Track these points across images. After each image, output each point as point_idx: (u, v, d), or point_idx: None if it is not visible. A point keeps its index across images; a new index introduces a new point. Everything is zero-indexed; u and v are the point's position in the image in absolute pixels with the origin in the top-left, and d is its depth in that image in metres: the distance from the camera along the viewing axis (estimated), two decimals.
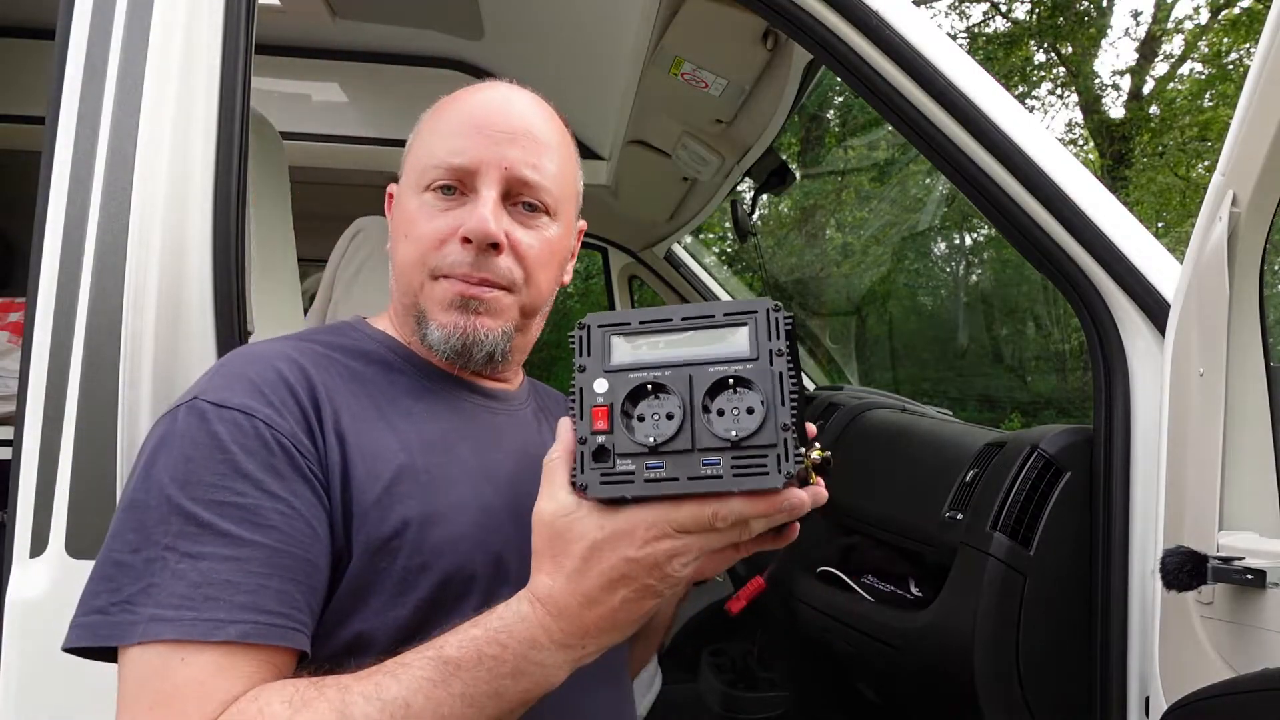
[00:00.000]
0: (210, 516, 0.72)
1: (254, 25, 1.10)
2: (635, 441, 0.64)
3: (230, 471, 0.74)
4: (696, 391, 0.64)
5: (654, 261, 3.05)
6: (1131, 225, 1.22)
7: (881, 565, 1.67)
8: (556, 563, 0.67)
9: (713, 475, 0.63)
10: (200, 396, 0.77)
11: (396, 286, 0.95)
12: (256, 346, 0.86)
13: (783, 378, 0.63)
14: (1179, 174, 10.90)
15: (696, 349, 0.65)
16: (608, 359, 0.67)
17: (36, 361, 0.99)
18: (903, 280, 8.67)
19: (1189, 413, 1.08)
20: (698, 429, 0.63)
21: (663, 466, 0.63)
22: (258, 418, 0.76)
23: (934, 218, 8.50)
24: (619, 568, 0.65)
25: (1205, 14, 11.04)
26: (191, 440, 0.75)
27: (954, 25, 12.16)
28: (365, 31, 2.35)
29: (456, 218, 0.88)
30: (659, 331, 0.67)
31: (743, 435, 0.62)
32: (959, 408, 6.76)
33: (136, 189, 1.02)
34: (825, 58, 1.25)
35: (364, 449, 0.81)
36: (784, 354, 0.64)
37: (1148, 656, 1.15)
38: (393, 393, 0.88)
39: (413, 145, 0.95)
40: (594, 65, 2.19)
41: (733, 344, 0.65)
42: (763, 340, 0.65)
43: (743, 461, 0.62)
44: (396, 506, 0.79)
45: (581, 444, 0.65)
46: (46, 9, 1.14)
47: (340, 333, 0.94)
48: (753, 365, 0.64)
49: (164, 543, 0.71)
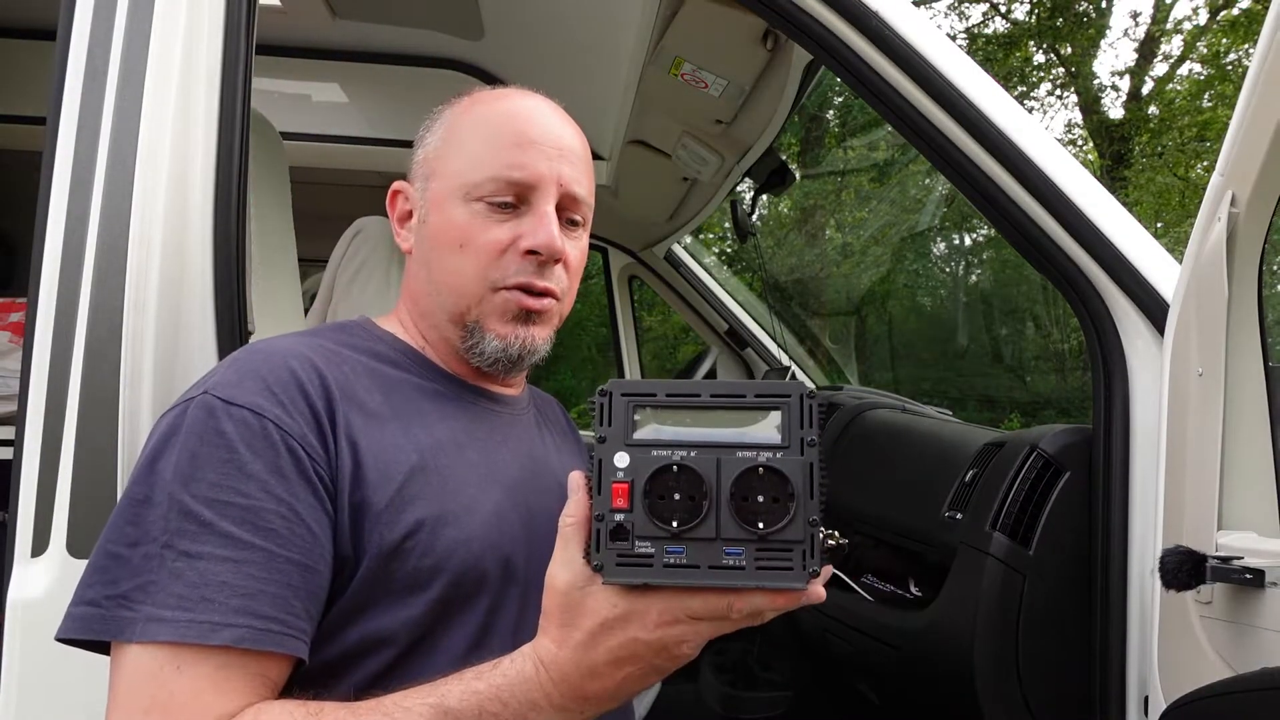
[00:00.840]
0: (211, 515, 0.71)
1: (254, 26, 1.10)
2: (656, 524, 0.61)
3: (235, 471, 0.73)
4: (724, 477, 0.61)
5: (654, 261, 3.05)
6: (1131, 225, 1.22)
7: (881, 565, 1.67)
8: (565, 632, 0.67)
9: (735, 566, 0.61)
10: (210, 391, 0.76)
11: (441, 297, 0.92)
12: (269, 343, 0.84)
13: (814, 469, 0.61)
14: (1178, 174, 10.91)
15: (725, 430, 0.63)
16: (630, 432, 0.64)
17: (38, 362, 0.99)
18: (902, 280, 8.67)
19: (1188, 413, 1.08)
20: (723, 517, 0.61)
21: (683, 552, 0.61)
22: (267, 417, 0.75)
23: (934, 218, 8.51)
24: (627, 646, 0.65)
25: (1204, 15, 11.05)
26: (198, 436, 0.74)
27: (953, 26, 12.17)
28: (365, 31, 2.35)
29: (514, 229, 0.89)
30: (686, 407, 0.64)
31: (769, 529, 0.60)
32: (959, 408, 6.76)
33: (137, 189, 1.02)
34: (825, 58, 1.25)
35: (376, 450, 0.80)
36: (815, 444, 0.62)
37: (1146, 656, 1.15)
38: (404, 393, 0.88)
39: (445, 150, 0.93)
40: (594, 65, 2.19)
41: (763, 428, 0.63)
42: (794, 428, 0.62)
43: (767, 556, 0.60)
44: (409, 508, 0.79)
45: (598, 520, 0.63)
46: (47, 9, 1.14)
47: (348, 332, 0.93)
48: (784, 454, 0.62)
49: (162, 539, 0.70)
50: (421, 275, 0.94)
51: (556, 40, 2.24)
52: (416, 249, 0.95)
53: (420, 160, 0.95)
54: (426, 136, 0.96)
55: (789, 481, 0.61)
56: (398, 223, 0.98)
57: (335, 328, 0.93)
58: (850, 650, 1.65)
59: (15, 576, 0.95)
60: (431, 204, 0.93)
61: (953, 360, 7.72)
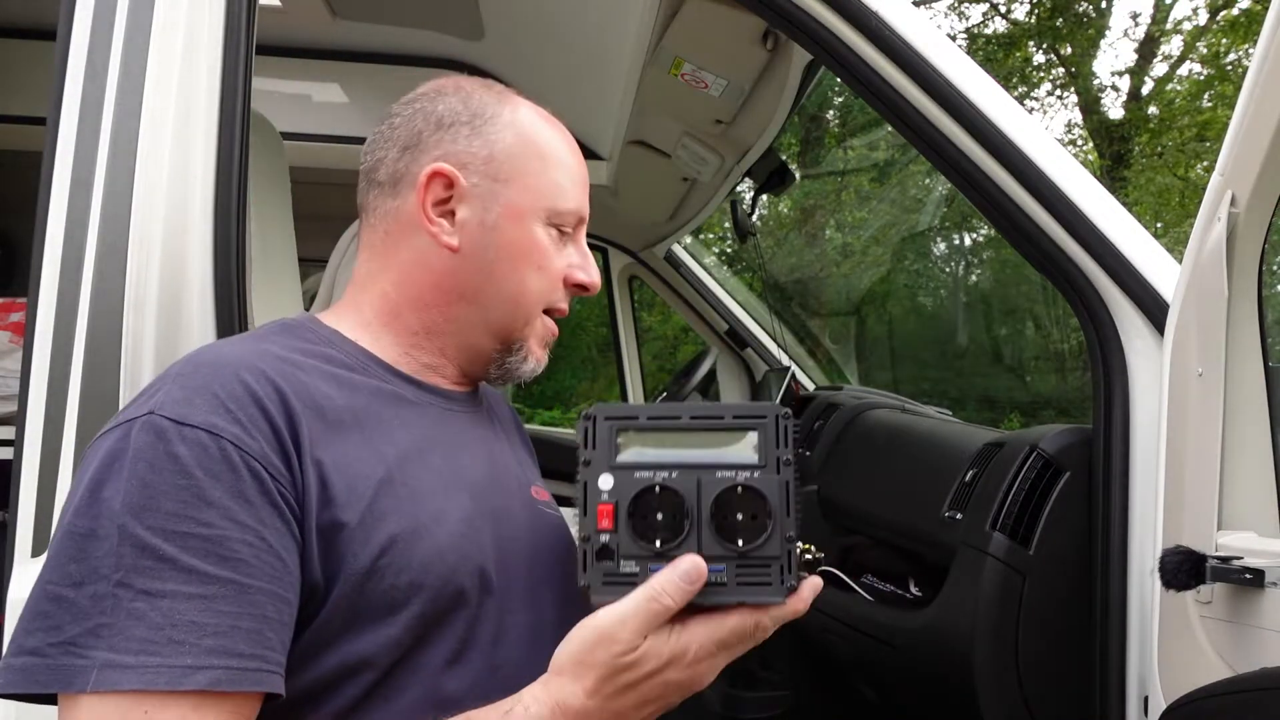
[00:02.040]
0: (172, 550, 0.65)
1: (254, 25, 1.10)
2: (640, 544, 0.64)
3: (194, 499, 0.67)
4: (705, 497, 0.64)
5: (654, 261, 3.05)
6: (1130, 225, 1.22)
7: (881, 565, 1.67)
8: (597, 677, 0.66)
9: (716, 583, 0.64)
10: (157, 412, 0.70)
11: (493, 306, 0.89)
12: (215, 353, 0.78)
13: (789, 488, 0.64)
14: (1178, 174, 10.91)
15: (704, 451, 0.66)
16: (614, 455, 0.67)
17: (38, 362, 0.99)
18: (902, 280, 8.67)
19: (1188, 413, 1.08)
20: (704, 535, 0.64)
21: None
22: (224, 437, 0.69)
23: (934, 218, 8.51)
24: (656, 689, 0.67)
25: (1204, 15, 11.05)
26: (148, 463, 0.67)
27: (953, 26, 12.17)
28: (365, 32, 2.35)
29: (566, 259, 0.92)
30: (667, 429, 0.67)
31: (748, 546, 0.63)
32: (959, 408, 6.76)
33: (137, 189, 1.02)
34: (825, 58, 1.25)
35: (342, 465, 0.75)
36: (791, 463, 0.65)
37: (1146, 656, 1.15)
38: (362, 399, 0.82)
39: (525, 160, 0.89)
40: (594, 65, 2.19)
41: (741, 449, 0.65)
42: (770, 448, 0.65)
43: (747, 572, 0.63)
44: (380, 524, 0.75)
45: (585, 542, 0.65)
46: (47, 9, 1.14)
47: (294, 334, 0.86)
48: (760, 474, 0.65)
49: (115, 577, 0.64)
50: (465, 280, 0.88)
51: (556, 40, 2.24)
52: (471, 250, 0.87)
53: (484, 156, 0.88)
54: (486, 130, 0.89)
55: (766, 500, 0.64)
56: (431, 207, 0.87)
57: (280, 330, 0.86)
58: (850, 650, 1.65)
59: (15, 576, 0.95)
60: (508, 212, 0.88)
61: (953, 360, 7.72)
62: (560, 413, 8.65)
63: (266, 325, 0.88)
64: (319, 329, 0.88)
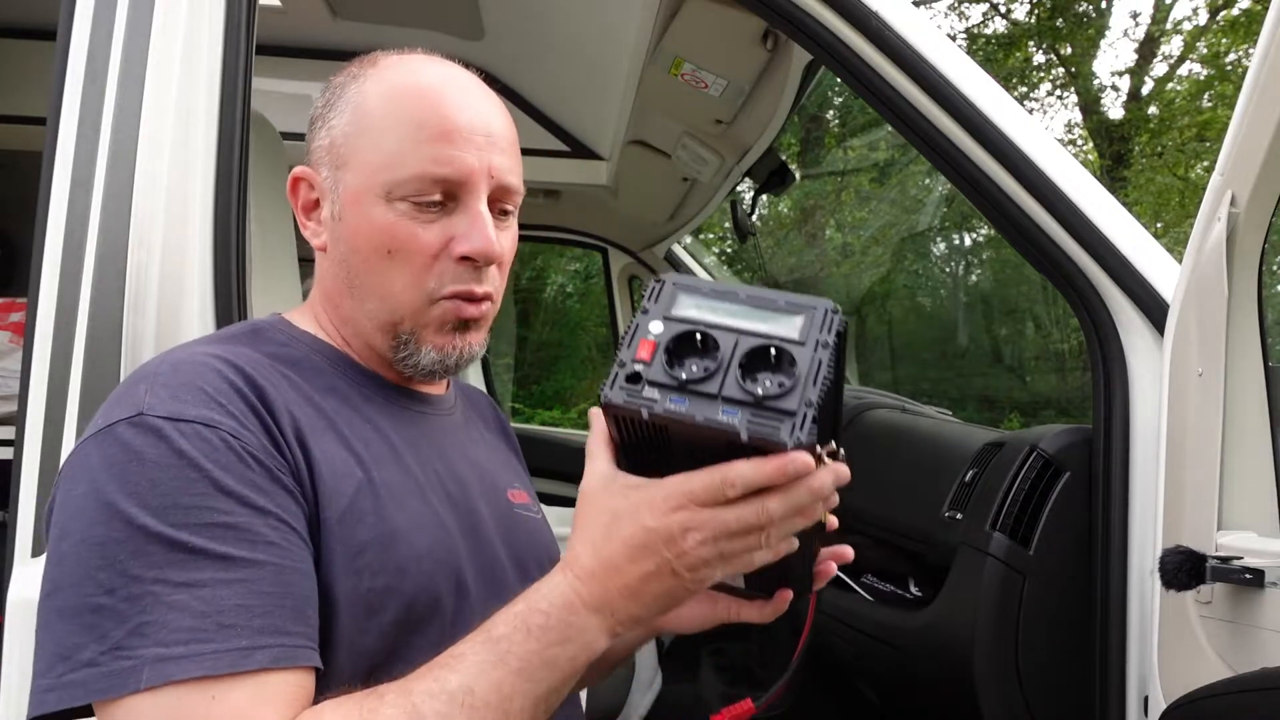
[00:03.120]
0: (201, 541, 0.65)
1: (254, 26, 1.10)
2: (668, 374, 0.66)
3: (211, 490, 0.67)
4: (739, 351, 0.66)
5: (654, 261, 3.05)
6: (1130, 225, 1.22)
7: (881, 565, 1.67)
8: (584, 531, 0.68)
9: (728, 424, 0.64)
10: (148, 412, 0.68)
11: (369, 304, 0.84)
12: (189, 353, 0.75)
13: (820, 365, 0.65)
14: (1178, 174, 10.91)
15: (751, 323, 0.68)
16: (671, 309, 0.69)
17: (38, 362, 0.99)
18: (902, 280, 8.67)
19: (1188, 413, 1.08)
20: (727, 379, 0.65)
21: (685, 403, 0.65)
22: (222, 429, 0.69)
23: (934, 218, 8.51)
24: (638, 536, 0.65)
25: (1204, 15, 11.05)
26: (154, 462, 0.66)
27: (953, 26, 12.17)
28: (365, 31, 2.35)
29: (445, 230, 0.81)
30: (724, 299, 0.69)
31: (766, 395, 0.64)
32: (959, 408, 6.76)
33: (137, 190, 1.02)
34: (825, 59, 1.26)
35: (324, 463, 0.74)
36: (828, 347, 0.66)
37: (1146, 656, 1.15)
38: (335, 402, 0.81)
39: (356, 137, 0.82)
40: (594, 65, 2.19)
41: (786, 326, 0.67)
42: (813, 331, 0.67)
43: (758, 417, 0.64)
44: (358, 526, 0.74)
45: (620, 366, 0.67)
46: (47, 9, 1.14)
47: (264, 337, 0.83)
48: (796, 346, 0.66)
49: (150, 576, 0.64)
50: (340, 278, 0.85)
51: (556, 41, 2.24)
52: (332, 247, 0.85)
53: (326, 145, 0.84)
54: (330, 115, 0.84)
55: (795, 365, 0.65)
56: (303, 213, 0.87)
57: (250, 332, 0.84)
58: (850, 650, 1.65)
59: (15, 576, 0.95)
60: (347, 200, 0.82)
61: (953, 360, 7.73)
62: (560, 413, 8.65)
63: (235, 327, 0.87)
64: (289, 329, 0.86)
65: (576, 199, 2.75)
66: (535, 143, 2.53)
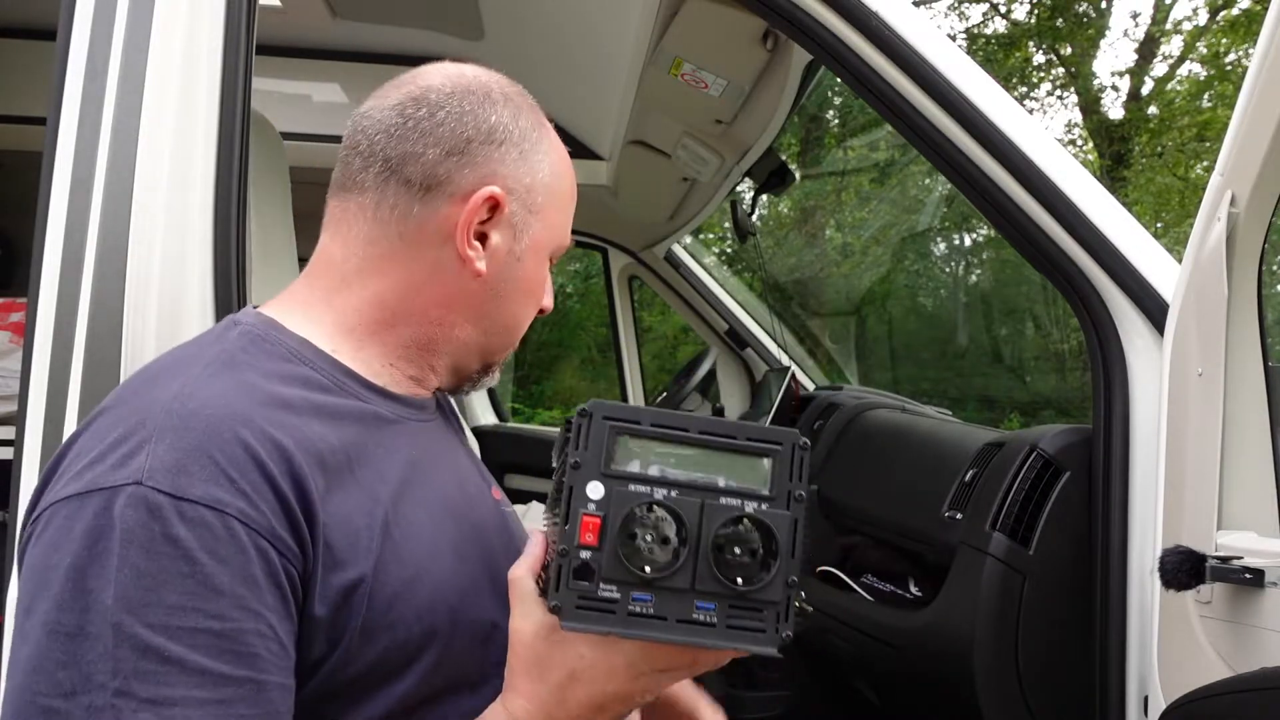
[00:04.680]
0: (180, 649, 0.58)
1: (254, 25, 1.10)
2: (627, 567, 0.57)
3: (201, 588, 0.59)
4: (707, 525, 0.57)
5: (654, 262, 3.05)
6: (1130, 225, 1.22)
7: (881, 565, 1.67)
8: (535, 687, 0.64)
9: (705, 623, 0.57)
10: (146, 482, 0.60)
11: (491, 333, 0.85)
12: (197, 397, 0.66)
13: (798, 526, 0.59)
14: (1178, 174, 10.90)
15: (711, 473, 0.59)
16: (608, 461, 0.59)
17: (38, 362, 0.99)
18: (902, 280, 8.67)
19: (1188, 413, 1.08)
20: (700, 569, 0.57)
21: (651, 600, 0.57)
22: (229, 513, 0.61)
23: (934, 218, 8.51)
24: (596, 699, 0.63)
25: (1204, 15, 11.05)
26: (142, 547, 0.59)
27: (953, 26, 12.17)
28: (365, 31, 2.35)
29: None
30: (672, 440, 0.60)
31: (748, 586, 0.57)
32: (959, 408, 6.76)
33: (137, 189, 1.02)
34: (825, 59, 1.26)
35: (342, 521, 0.69)
36: (803, 500, 0.59)
37: (1146, 656, 1.15)
38: (348, 429, 0.74)
39: (552, 194, 0.86)
40: (594, 65, 2.19)
41: (752, 475, 0.59)
42: (783, 478, 0.59)
43: (740, 614, 0.57)
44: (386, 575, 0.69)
45: (561, 556, 0.57)
46: (47, 9, 1.14)
47: (263, 350, 0.75)
48: (769, 506, 0.59)
49: (113, 685, 0.56)
50: (484, 307, 0.83)
51: (556, 40, 2.24)
52: (494, 278, 0.82)
53: (527, 184, 0.82)
54: (533, 155, 0.83)
55: (774, 537, 0.58)
56: (475, 231, 0.80)
57: (249, 343, 0.75)
58: (850, 650, 1.65)
59: (15, 577, 0.95)
60: (533, 245, 0.85)
61: (953, 360, 7.72)
62: (560, 413, 8.64)
63: (226, 332, 0.78)
64: (284, 337, 0.77)
65: (577, 199, 2.74)
66: None
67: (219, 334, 0.78)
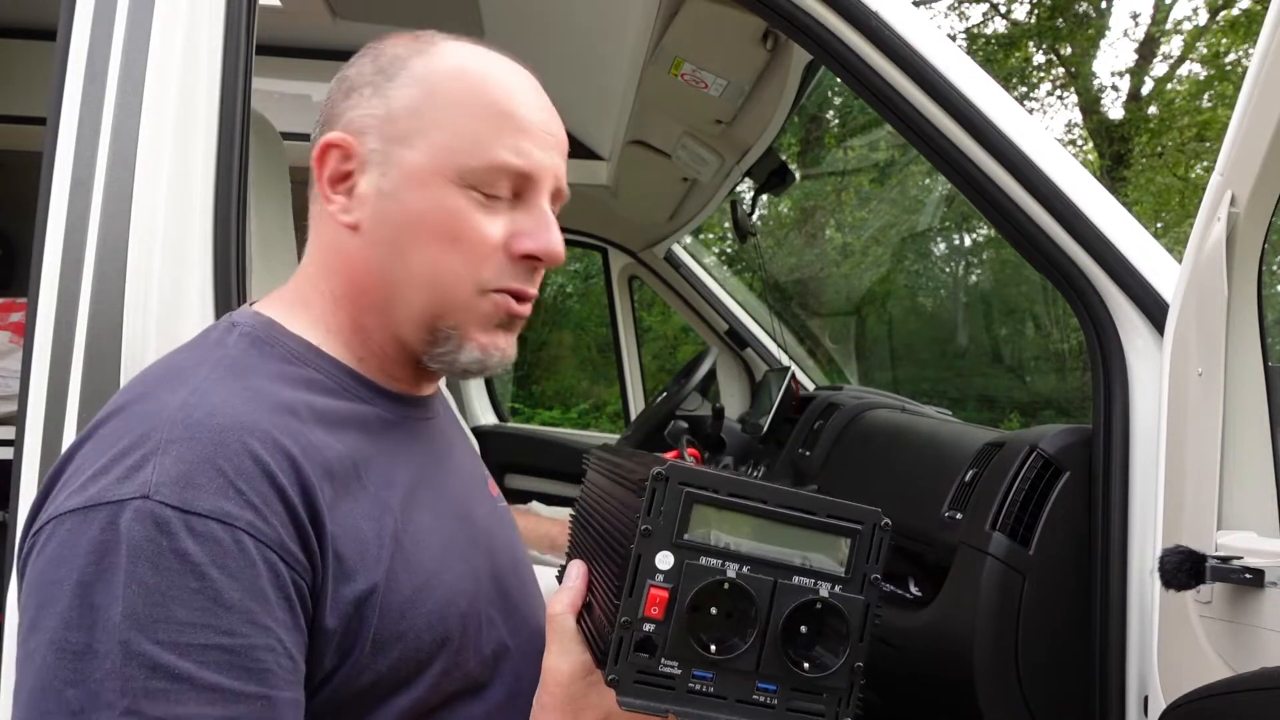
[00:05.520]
0: (190, 666, 0.57)
1: (254, 26, 1.10)
2: (692, 645, 0.54)
3: (210, 603, 0.58)
4: (778, 606, 0.55)
5: (654, 262, 3.05)
6: (1130, 225, 1.22)
7: None
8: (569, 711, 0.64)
9: (765, 705, 0.55)
10: (154, 496, 0.59)
11: (410, 289, 0.76)
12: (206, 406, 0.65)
13: (869, 611, 0.57)
14: (1178, 174, 10.90)
15: (787, 548, 0.57)
16: (681, 529, 0.56)
17: (38, 362, 0.99)
18: (902, 280, 8.67)
19: (1188, 413, 1.08)
20: (767, 651, 0.55)
21: (712, 679, 0.55)
22: (239, 527, 0.60)
23: (934, 218, 8.51)
24: None
25: (1204, 15, 11.05)
26: (150, 563, 0.57)
27: (953, 26, 12.17)
28: (365, 31, 2.33)
29: (510, 224, 0.76)
30: (749, 512, 0.57)
31: (815, 671, 0.55)
32: (959, 408, 6.76)
33: (137, 189, 1.02)
34: (825, 59, 1.25)
35: (351, 531, 0.67)
36: (878, 583, 0.58)
37: (1146, 656, 1.15)
38: (354, 434, 0.73)
39: (427, 114, 0.76)
40: (594, 65, 2.19)
41: (828, 555, 0.57)
42: (860, 560, 0.58)
43: (801, 697, 0.56)
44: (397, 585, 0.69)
45: (624, 627, 0.55)
46: (47, 9, 1.14)
47: (265, 352, 0.74)
48: (843, 589, 0.57)
49: (123, 705, 0.55)
50: (378, 262, 0.76)
51: (556, 40, 2.24)
52: (372, 227, 0.76)
53: (381, 114, 0.76)
54: (386, 85, 0.78)
55: (846, 622, 0.56)
56: (329, 184, 0.77)
57: (251, 345, 0.75)
58: None
59: (14, 587, 0.95)
60: (407, 177, 0.75)
61: (953, 360, 7.72)
62: (560, 413, 8.64)
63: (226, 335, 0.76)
64: (285, 338, 0.76)
65: (576, 199, 2.73)
66: None
67: (219, 337, 0.76)
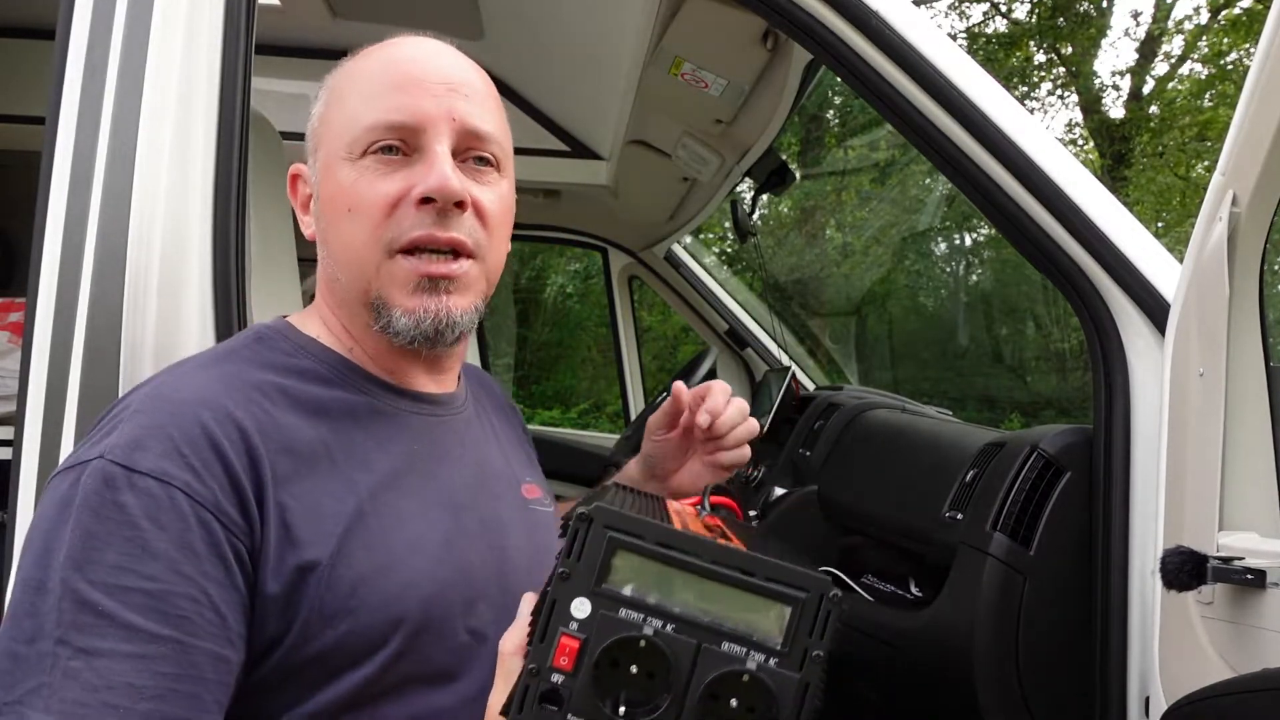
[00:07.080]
0: (112, 605, 0.62)
1: (254, 25, 1.10)
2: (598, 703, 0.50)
3: (138, 550, 0.64)
4: (700, 673, 0.50)
5: (654, 261, 3.05)
6: (1131, 225, 1.22)
7: (881, 565, 1.67)
8: None
9: None
10: (107, 455, 0.66)
11: (341, 275, 0.82)
12: (175, 385, 0.73)
13: (808, 693, 0.51)
14: (1179, 174, 10.90)
15: (716, 608, 0.51)
16: (601, 576, 0.51)
17: (37, 362, 0.99)
18: (903, 280, 8.67)
19: (1189, 413, 1.08)
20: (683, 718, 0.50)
21: None
22: (175, 485, 0.66)
23: (934, 218, 8.51)
24: None
25: (1205, 14, 11.04)
26: (93, 511, 0.64)
27: (954, 25, 12.17)
28: (365, 31, 2.34)
29: (406, 179, 0.78)
30: (680, 566, 0.51)
31: None
32: (959, 408, 6.76)
33: (136, 189, 1.02)
34: (825, 58, 1.25)
35: (309, 505, 0.71)
36: (819, 660, 0.51)
37: (1147, 656, 1.15)
38: (337, 419, 0.78)
39: (328, 114, 0.83)
40: (594, 65, 2.19)
41: (763, 621, 0.51)
42: (802, 632, 0.51)
43: None
44: (349, 563, 0.71)
45: (531, 674, 0.51)
46: (46, 9, 1.14)
47: (268, 344, 0.81)
48: (777, 664, 0.51)
49: (56, 634, 0.62)
50: (324, 260, 0.84)
51: (556, 40, 2.24)
52: (318, 231, 0.84)
53: (310, 133, 0.85)
54: (313, 106, 0.86)
55: (775, 702, 0.50)
56: (301, 209, 0.88)
57: (254, 340, 0.82)
58: (850, 650, 1.65)
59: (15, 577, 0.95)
60: (320, 177, 0.82)
61: (953, 360, 7.72)
62: (560, 413, 8.64)
63: (242, 335, 0.85)
64: (295, 336, 0.83)
65: (576, 199, 2.75)
66: (535, 142, 2.53)
67: (238, 336, 0.85)
